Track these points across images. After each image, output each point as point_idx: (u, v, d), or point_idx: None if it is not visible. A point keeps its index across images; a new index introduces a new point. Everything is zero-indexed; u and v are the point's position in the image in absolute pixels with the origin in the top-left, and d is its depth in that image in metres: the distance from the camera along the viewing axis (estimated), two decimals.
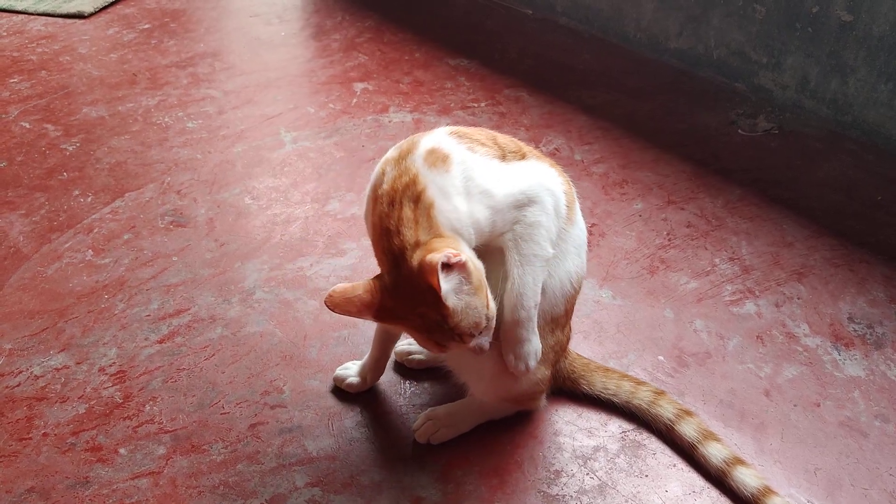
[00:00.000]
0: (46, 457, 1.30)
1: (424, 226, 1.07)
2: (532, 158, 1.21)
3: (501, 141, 1.20)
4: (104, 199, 1.96)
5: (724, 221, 1.92)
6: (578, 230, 1.25)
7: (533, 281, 1.15)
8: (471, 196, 1.11)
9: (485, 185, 1.12)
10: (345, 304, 1.09)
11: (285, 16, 3.19)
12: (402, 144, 1.17)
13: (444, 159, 1.11)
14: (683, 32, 2.66)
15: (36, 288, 1.67)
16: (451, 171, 1.10)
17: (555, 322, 1.24)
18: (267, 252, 1.79)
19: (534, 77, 2.65)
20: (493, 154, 1.16)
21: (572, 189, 1.27)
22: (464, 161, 1.12)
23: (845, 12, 2.19)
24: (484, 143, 1.17)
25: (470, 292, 1.05)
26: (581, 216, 1.28)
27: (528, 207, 1.14)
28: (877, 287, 1.71)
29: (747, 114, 2.42)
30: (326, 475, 1.27)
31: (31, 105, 2.41)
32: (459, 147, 1.14)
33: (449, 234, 1.08)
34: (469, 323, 1.06)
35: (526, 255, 1.14)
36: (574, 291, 1.25)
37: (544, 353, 1.23)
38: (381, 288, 1.09)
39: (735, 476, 1.23)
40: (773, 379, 1.47)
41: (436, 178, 1.09)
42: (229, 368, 1.47)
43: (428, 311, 1.05)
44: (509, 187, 1.13)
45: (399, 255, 1.06)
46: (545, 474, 1.28)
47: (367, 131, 2.30)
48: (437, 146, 1.12)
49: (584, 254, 1.27)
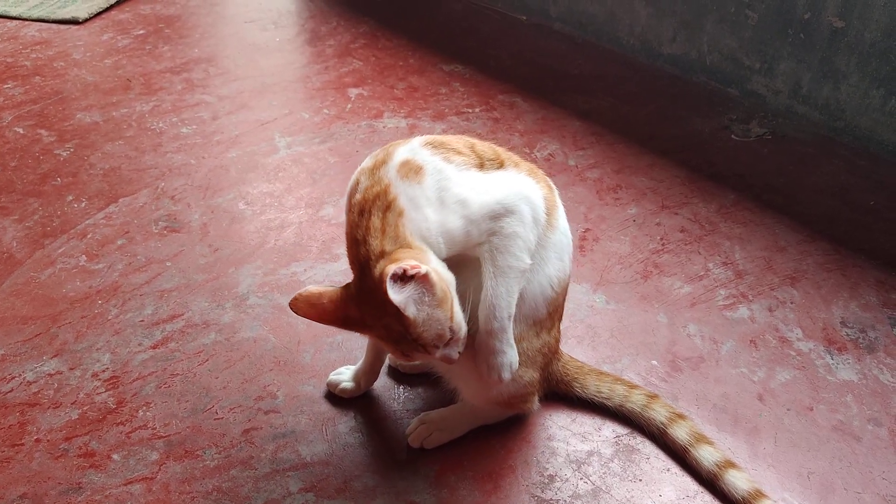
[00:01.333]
0: (39, 463, 1.29)
1: (391, 235, 1.06)
2: (510, 166, 1.20)
3: (479, 149, 1.20)
4: (98, 205, 1.96)
5: (718, 226, 1.93)
6: (560, 234, 1.24)
7: (507, 292, 1.14)
8: (445, 206, 1.10)
9: (460, 194, 1.11)
10: (308, 309, 1.11)
11: (280, 21, 3.19)
12: (377, 154, 1.16)
13: (418, 171, 1.11)
14: (677, 38, 2.68)
15: (29, 293, 1.66)
16: (424, 182, 1.10)
17: (539, 325, 1.24)
18: (261, 257, 1.78)
19: (528, 83, 2.66)
20: (470, 163, 1.16)
21: (554, 193, 1.26)
22: (438, 171, 1.12)
23: (837, 18, 2.20)
24: (461, 151, 1.17)
25: (432, 304, 1.04)
26: (565, 220, 1.27)
27: (504, 218, 1.13)
28: (869, 291, 1.71)
29: (740, 119, 2.43)
30: (320, 480, 1.27)
31: (25, 110, 2.41)
32: (434, 158, 1.13)
33: (418, 244, 1.08)
34: (432, 334, 1.06)
35: (501, 267, 1.13)
36: (556, 294, 1.24)
37: (532, 355, 1.23)
38: (347, 297, 1.09)
39: (726, 479, 1.23)
40: (767, 383, 1.48)
41: (407, 189, 1.09)
42: (223, 374, 1.47)
43: (392, 322, 1.05)
44: (486, 197, 1.13)
45: (364, 265, 1.07)
46: (539, 479, 1.28)
47: (362, 136, 2.30)
48: (411, 157, 1.12)
49: (568, 257, 1.26)
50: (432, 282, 1.03)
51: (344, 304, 1.09)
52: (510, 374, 1.19)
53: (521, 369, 1.23)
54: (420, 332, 1.05)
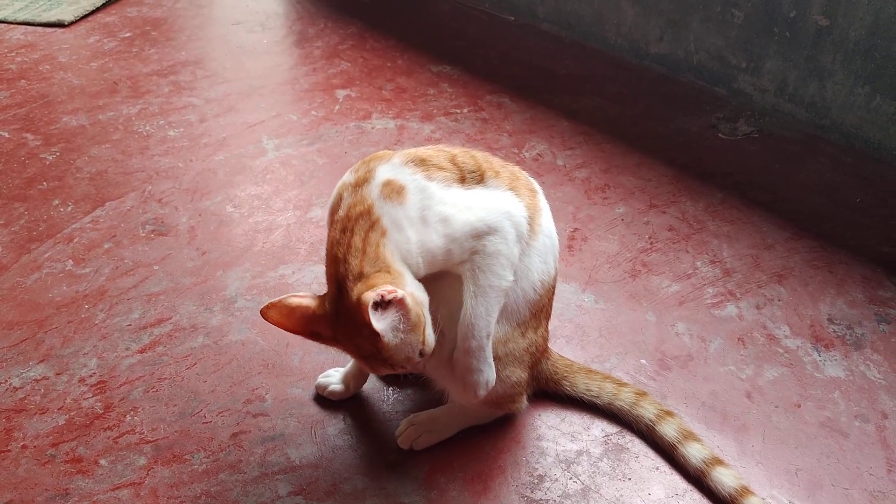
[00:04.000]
0: (25, 469, 1.28)
1: (371, 256, 1.07)
2: (490, 176, 1.19)
3: (460, 160, 1.19)
4: (84, 209, 1.95)
5: (706, 225, 1.93)
6: (544, 238, 1.23)
7: (486, 311, 1.15)
8: (427, 225, 1.10)
9: (443, 213, 1.11)
10: (278, 318, 1.12)
11: (268, 24, 3.18)
12: (359, 169, 1.16)
13: (400, 191, 1.11)
14: (664, 37, 2.69)
15: (15, 298, 1.65)
16: (407, 202, 1.10)
17: (524, 325, 1.24)
18: (249, 260, 1.78)
19: (516, 83, 2.66)
20: (452, 178, 1.15)
21: (537, 197, 1.25)
22: (421, 190, 1.12)
23: (822, 17, 2.22)
24: (442, 166, 1.16)
25: (406, 329, 1.05)
26: (550, 222, 1.26)
27: (488, 236, 1.13)
28: (856, 288, 1.72)
29: (727, 118, 2.44)
30: (309, 483, 1.27)
31: (11, 114, 2.39)
32: (415, 177, 1.13)
33: (398, 267, 1.08)
34: (402, 357, 1.07)
35: (482, 286, 1.14)
36: (539, 296, 1.24)
37: (519, 355, 1.24)
38: (320, 315, 1.10)
39: (714, 476, 1.24)
40: (755, 380, 1.48)
41: (391, 210, 1.09)
42: (211, 377, 1.47)
43: (363, 343, 1.06)
44: (468, 215, 1.12)
45: (342, 284, 1.07)
46: (528, 479, 1.28)
47: (350, 138, 2.30)
48: (393, 178, 1.12)
49: (553, 259, 1.26)
50: (408, 307, 1.04)
51: (316, 320, 1.11)
52: (485, 392, 1.20)
53: (509, 369, 1.23)
54: (391, 354, 1.07)
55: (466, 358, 1.17)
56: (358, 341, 1.07)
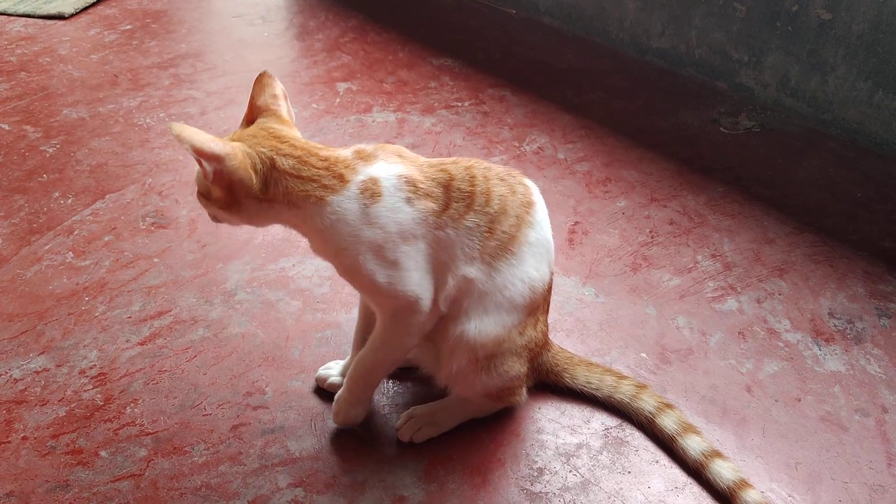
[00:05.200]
0: (26, 460, 1.28)
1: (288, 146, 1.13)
2: (480, 204, 1.17)
3: (456, 184, 1.17)
4: (84, 201, 1.95)
5: (707, 219, 1.93)
6: (534, 246, 1.22)
7: (375, 364, 1.26)
8: (374, 233, 1.12)
9: (392, 256, 1.13)
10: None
11: (269, 16, 3.18)
12: (368, 148, 1.18)
13: (374, 196, 1.12)
14: (666, 31, 2.68)
15: (15, 290, 1.65)
16: (371, 208, 1.11)
17: (521, 325, 1.24)
18: (249, 253, 1.78)
19: (517, 76, 2.65)
20: (432, 207, 1.14)
21: (532, 212, 1.22)
22: (391, 209, 1.12)
23: (825, 11, 2.21)
24: (429, 192, 1.15)
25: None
26: (545, 229, 1.24)
27: (406, 309, 1.17)
28: (857, 282, 1.72)
29: (729, 112, 2.43)
30: (309, 475, 1.27)
31: (11, 107, 2.39)
32: (398, 193, 1.13)
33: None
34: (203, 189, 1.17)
35: (386, 344, 1.23)
36: (532, 300, 1.23)
37: (517, 351, 1.24)
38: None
39: (712, 468, 1.24)
40: (755, 374, 1.48)
41: (353, 199, 1.11)
42: (211, 370, 1.47)
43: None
44: (403, 278, 1.14)
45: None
46: (528, 472, 1.28)
47: (351, 131, 2.29)
48: (379, 181, 1.13)
49: (547, 265, 1.25)
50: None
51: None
52: (341, 422, 1.33)
53: (508, 364, 1.24)
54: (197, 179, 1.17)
55: (347, 384, 1.30)
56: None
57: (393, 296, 1.15)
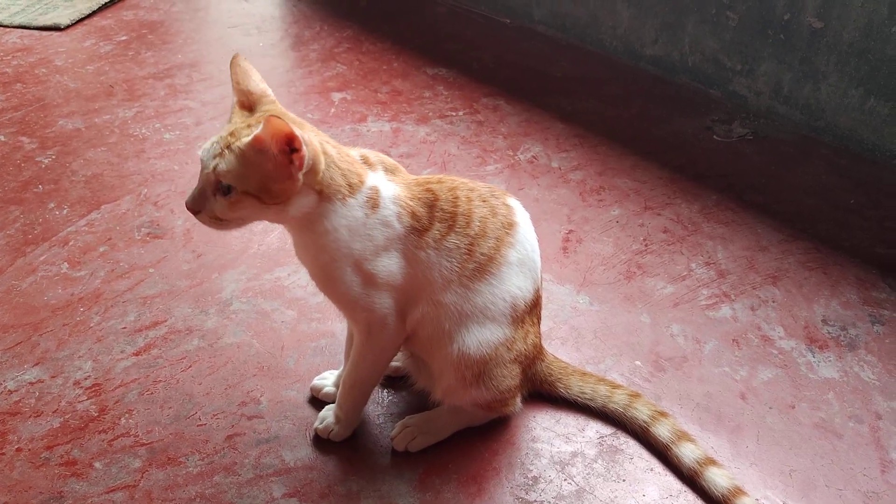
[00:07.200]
0: (20, 472, 1.28)
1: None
2: (461, 225, 1.17)
3: (440, 204, 1.17)
4: (80, 212, 1.95)
5: (700, 226, 1.94)
6: (517, 266, 1.22)
7: (354, 382, 1.29)
8: (357, 265, 1.13)
9: (370, 269, 1.14)
10: None
11: (264, 26, 3.19)
12: (378, 156, 1.21)
13: (374, 206, 1.13)
14: (659, 40, 2.69)
15: (10, 301, 1.65)
16: (370, 217, 1.13)
17: (509, 341, 1.24)
18: (244, 262, 1.78)
19: (512, 85, 2.66)
20: (416, 226, 1.15)
21: (514, 231, 1.22)
22: (383, 223, 1.13)
23: (816, 19, 2.22)
24: (415, 212, 1.16)
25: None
26: (524, 245, 1.23)
27: (379, 323, 1.19)
28: (850, 289, 1.73)
29: (722, 120, 2.44)
30: (304, 485, 1.27)
31: (6, 118, 2.39)
32: (392, 207, 1.14)
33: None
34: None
35: (365, 358, 1.25)
36: (519, 313, 1.24)
37: (507, 364, 1.25)
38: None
39: (707, 476, 1.24)
40: (749, 382, 1.49)
41: (358, 206, 1.12)
42: (206, 380, 1.47)
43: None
44: (376, 294, 1.15)
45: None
46: (523, 480, 1.29)
47: (346, 141, 2.30)
48: (378, 187, 1.14)
49: (532, 281, 1.25)
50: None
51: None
52: (318, 433, 1.34)
53: (498, 379, 1.24)
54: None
55: (336, 402, 1.33)
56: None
57: (368, 309, 1.16)
